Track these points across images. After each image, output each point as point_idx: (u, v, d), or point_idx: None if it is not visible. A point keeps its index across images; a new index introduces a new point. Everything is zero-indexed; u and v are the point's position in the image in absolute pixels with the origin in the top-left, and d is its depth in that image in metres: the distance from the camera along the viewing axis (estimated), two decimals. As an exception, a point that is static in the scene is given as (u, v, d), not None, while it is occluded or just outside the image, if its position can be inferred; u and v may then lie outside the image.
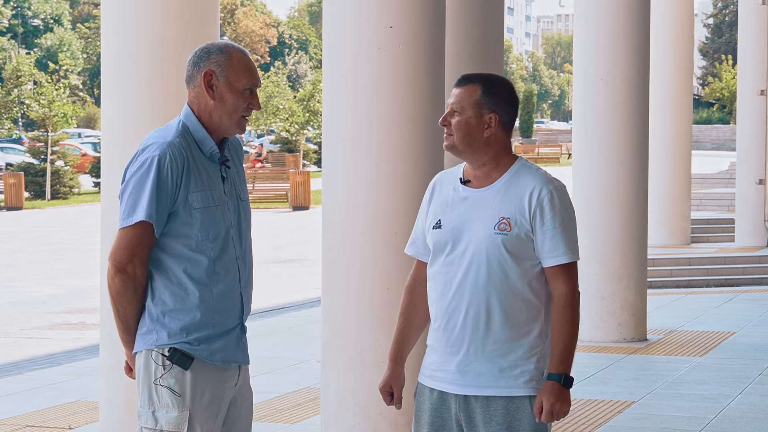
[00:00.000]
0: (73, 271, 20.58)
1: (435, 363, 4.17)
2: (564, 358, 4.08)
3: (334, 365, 6.73)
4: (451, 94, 4.18)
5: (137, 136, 6.90)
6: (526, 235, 4.05)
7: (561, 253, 4.06)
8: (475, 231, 4.08)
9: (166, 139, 4.17)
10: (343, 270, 6.71)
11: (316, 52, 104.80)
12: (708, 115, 75.04)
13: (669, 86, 19.43)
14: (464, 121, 4.11)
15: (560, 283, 4.08)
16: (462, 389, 4.10)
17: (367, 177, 6.62)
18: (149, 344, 4.18)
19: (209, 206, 4.18)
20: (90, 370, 10.46)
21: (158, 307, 4.18)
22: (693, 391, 9.50)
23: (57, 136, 41.65)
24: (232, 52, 4.23)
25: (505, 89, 4.16)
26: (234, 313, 4.26)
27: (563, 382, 4.08)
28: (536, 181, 4.08)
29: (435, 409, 4.17)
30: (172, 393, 4.16)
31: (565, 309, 4.07)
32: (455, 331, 4.10)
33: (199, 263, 4.17)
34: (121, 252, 4.13)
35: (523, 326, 4.08)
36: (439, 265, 4.15)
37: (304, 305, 15.38)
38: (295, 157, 52.58)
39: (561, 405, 4.07)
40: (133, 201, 4.12)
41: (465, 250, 4.08)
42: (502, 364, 4.07)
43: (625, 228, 11.80)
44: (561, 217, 4.07)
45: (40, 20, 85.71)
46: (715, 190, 27.99)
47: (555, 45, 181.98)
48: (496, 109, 4.11)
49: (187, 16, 6.96)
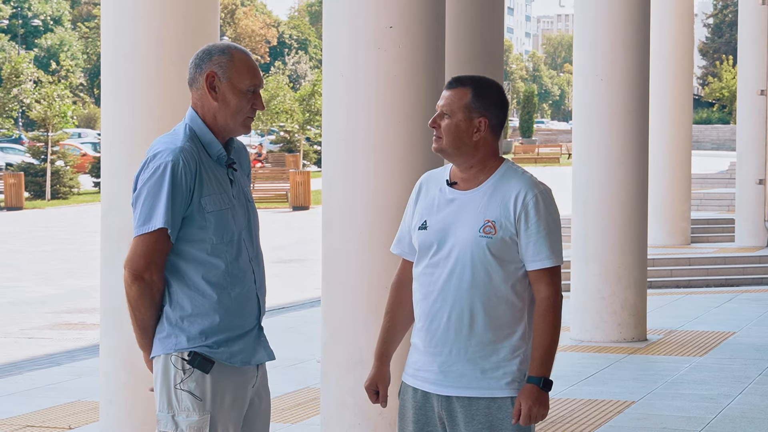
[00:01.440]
0: (73, 271, 20.58)
1: (418, 362, 4.20)
2: (544, 361, 4.08)
3: (334, 365, 6.73)
4: (441, 96, 4.19)
5: (137, 136, 6.92)
6: (511, 238, 4.08)
7: (545, 257, 4.09)
8: (460, 233, 4.10)
9: (177, 144, 4.14)
10: (343, 270, 6.71)
11: (316, 52, 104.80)
12: (708, 115, 75.06)
13: (669, 86, 19.43)
14: (454, 125, 4.13)
15: (543, 286, 4.11)
16: (444, 389, 4.13)
17: (367, 177, 6.62)
18: (168, 348, 4.16)
19: (221, 209, 4.17)
20: (90, 370, 10.46)
21: (176, 312, 4.17)
22: (693, 391, 9.49)
23: (57, 136, 41.64)
24: (233, 53, 4.21)
25: (495, 93, 4.17)
26: (252, 314, 4.25)
27: (542, 385, 4.08)
28: (522, 185, 4.11)
29: (419, 408, 4.20)
30: (193, 397, 4.14)
31: (547, 312, 4.09)
32: (438, 332, 4.13)
33: (216, 267, 4.15)
34: (137, 260, 4.11)
35: (506, 328, 4.11)
36: (423, 266, 4.17)
37: (304, 305, 15.38)
38: (295, 157, 52.58)
39: (539, 408, 4.07)
40: (149, 208, 4.10)
41: (450, 252, 4.11)
42: (485, 366, 4.10)
43: (625, 228, 11.80)
44: (545, 221, 4.09)
45: (40, 20, 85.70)
46: (715, 190, 27.98)
47: (555, 45, 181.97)
48: (486, 113, 4.13)
49: (187, 16, 6.95)
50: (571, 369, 10.41)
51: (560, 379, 9.86)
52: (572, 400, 9.18)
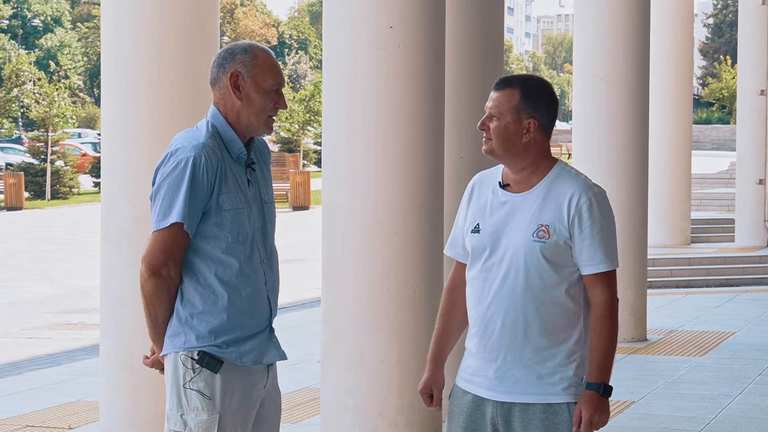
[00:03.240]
0: (73, 271, 20.58)
1: (473, 367, 4.15)
2: (603, 366, 4.04)
3: (334, 365, 6.73)
4: (489, 97, 4.13)
5: (137, 136, 6.92)
6: (565, 242, 4.03)
7: (600, 261, 4.04)
8: (513, 237, 4.05)
9: (199, 140, 4.14)
10: (343, 270, 6.71)
11: (316, 52, 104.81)
12: (708, 115, 75.02)
13: (669, 86, 19.42)
14: (503, 127, 4.07)
15: (599, 290, 4.05)
16: (500, 395, 4.09)
17: (367, 177, 6.62)
18: (177, 347, 4.16)
19: (238, 208, 4.17)
20: (90, 370, 10.46)
21: (187, 310, 4.16)
22: (693, 391, 9.50)
23: (57, 136, 41.64)
24: (256, 52, 4.22)
25: (544, 92, 4.11)
26: (262, 315, 4.25)
27: (602, 391, 4.03)
28: (576, 187, 4.05)
29: (470, 413, 4.15)
30: (201, 396, 4.14)
31: (604, 317, 4.05)
32: (493, 338, 4.08)
33: (229, 266, 4.15)
34: (156, 255, 4.11)
35: (562, 333, 4.06)
36: (477, 270, 4.13)
37: (304, 305, 15.38)
38: (295, 157, 52.58)
39: (600, 415, 4.03)
40: (168, 203, 4.10)
41: (503, 256, 4.06)
42: (541, 371, 4.06)
43: (625, 228, 11.79)
44: (600, 225, 4.04)
45: (40, 21, 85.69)
46: (715, 190, 27.97)
47: (555, 45, 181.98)
48: (535, 113, 4.08)
49: (187, 17, 6.96)
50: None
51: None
52: (572, 400, 9.17)
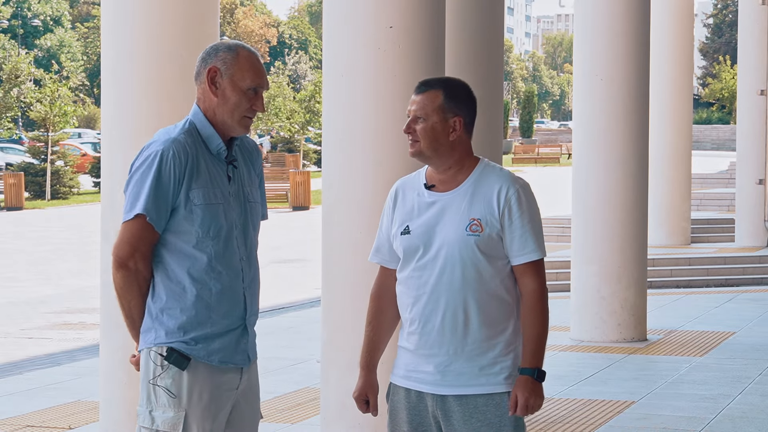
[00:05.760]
0: (73, 271, 20.58)
1: (411, 364, 4.22)
2: (536, 352, 4.14)
3: (334, 365, 6.74)
4: (411, 101, 4.22)
5: (137, 136, 6.91)
6: (497, 234, 4.13)
7: (531, 251, 4.14)
8: (446, 234, 4.13)
9: (170, 135, 4.19)
10: (343, 270, 6.71)
11: (316, 52, 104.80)
12: (708, 115, 75.04)
13: (669, 86, 19.42)
14: (430, 127, 4.16)
15: (529, 279, 4.16)
16: (441, 389, 4.16)
17: (367, 177, 6.62)
18: (148, 343, 4.19)
19: (210, 203, 4.18)
20: (90, 370, 10.46)
21: (157, 305, 4.19)
22: (693, 391, 9.50)
23: (57, 136, 41.64)
24: (240, 51, 4.25)
25: (465, 92, 4.23)
26: (235, 313, 4.25)
27: (536, 376, 4.13)
28: (503, 181, 4.16)
29: (413, 408, 4.23)
30: (168, 393, 4.16)
31: (535, 305, 4.15)
32: (433, 334, 4.15)
33: (199, 260, 4.17)
34: (122, 246, 4.16)
35: (499, 324, 4.16)
36: (410, 270, 4.19)
37: (304, 305, 15.38)
38: (295, 157, 52.60)
39: (535, 399, 4.12)
40: (134, 195, 4.15)
41: (437, 253, 4.14)
42: (482, 363, 4.14)
43: (625, 228, 11.80)
44: (528, 215, 4.15)
45: (40, 21, 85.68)
46: (715, 190, 27.98)
47: (555, 45, 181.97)
48: (459, 112, 4.18)
49: (187, 16, 6.95)
50: (571, 369, 10.42)
51: (560, 379, 9.87)
52: (572, 400, 9.18)
